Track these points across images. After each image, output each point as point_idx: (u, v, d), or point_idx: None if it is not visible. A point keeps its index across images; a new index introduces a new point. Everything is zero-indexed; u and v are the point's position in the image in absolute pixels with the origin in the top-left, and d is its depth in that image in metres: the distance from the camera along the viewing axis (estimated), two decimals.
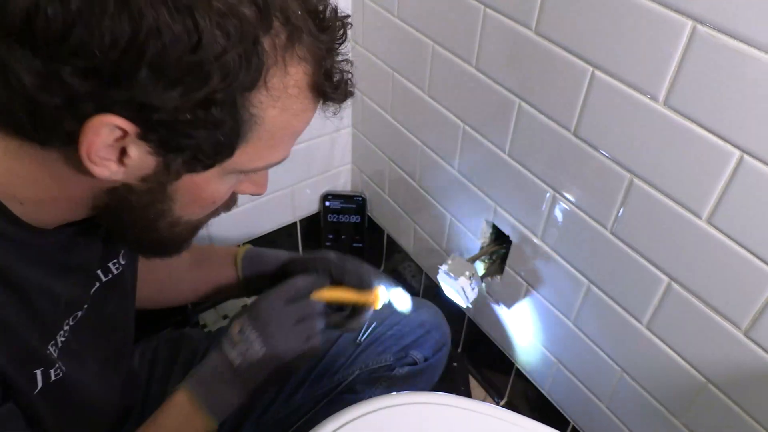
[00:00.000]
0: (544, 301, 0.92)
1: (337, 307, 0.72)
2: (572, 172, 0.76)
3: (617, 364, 0.84)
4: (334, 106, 0.49)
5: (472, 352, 1.21)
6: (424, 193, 1.10)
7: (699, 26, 0.56)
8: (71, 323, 0.54)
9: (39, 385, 0.49)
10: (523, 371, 1.06)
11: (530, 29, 0.73)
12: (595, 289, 0.81)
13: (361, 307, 0.71)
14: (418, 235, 1.18)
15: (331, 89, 0.47)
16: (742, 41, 0.53)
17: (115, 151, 0.40)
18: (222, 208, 0.53)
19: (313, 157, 1.23)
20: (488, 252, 0.97)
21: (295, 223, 1.32)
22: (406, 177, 1.13)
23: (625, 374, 0.83)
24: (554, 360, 0.96)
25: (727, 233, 0.62)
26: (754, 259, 0.61)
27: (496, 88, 0.82)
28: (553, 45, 0.71)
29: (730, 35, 0.54)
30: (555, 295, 0.90)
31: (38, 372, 0.49)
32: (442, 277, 0.86)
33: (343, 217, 1.33)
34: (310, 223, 1.34)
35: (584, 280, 0.82)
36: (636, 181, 0.69)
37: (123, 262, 0.61)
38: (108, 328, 0.61)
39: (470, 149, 0.93)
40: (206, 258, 0.80)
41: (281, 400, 0.82)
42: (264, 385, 0.64)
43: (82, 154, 0.39)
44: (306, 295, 0.67)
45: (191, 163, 0.43)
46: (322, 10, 0.45)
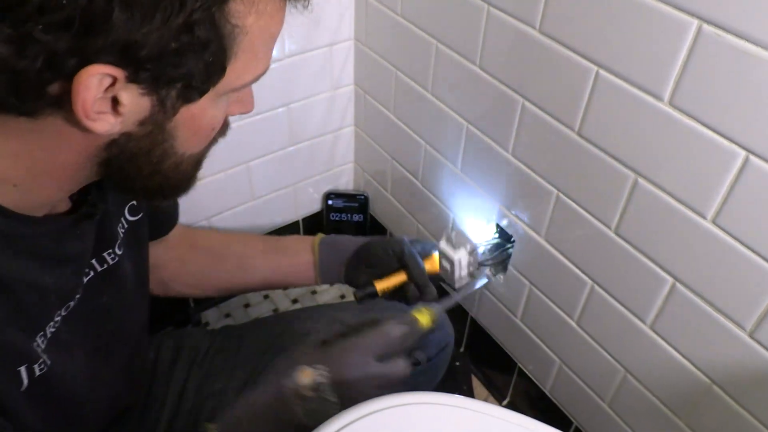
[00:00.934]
0: (548, 300, 0.91)
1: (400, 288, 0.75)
2: (576, 171, 0.76)
3: (621, 365, 0.83)
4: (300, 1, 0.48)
5: (475, 352, 1.21)
6: (427, 192, 1.09)
7: (705, 25, 0.55)
8: (63, 313, 0.54)
9: (25, 383, 0.49)
10: (525, 371, 1.05)
11: (534, 28, 0.72)
12: (599, 289, 0.81)
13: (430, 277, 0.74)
14: (420, 234, 1.18)
15: None
16: (749, 41, 0.53)
17: (107, 102, 0.40)
18: (219, 135, 0.52)
19: (315, 156, 1.23)
20: (491, 251, 0.97)
21: (298, 221, 1.32)
22: (409, 176, 1.13)
23: (628, 375, 0.83)
24: (557, 360, 0.96)
25: (732, 234, 0.62)
26: (759, 260, 0.60)
27: (500, 87, 0.82)
28: (557, 44, 0.71)
29: (737, 35, 0.54)
30: (558, 295, 0.89)
31: (22, 369, 0.48)
32: (443, 244, 0.83)
33: (345, 216, 1.33)
34: (313, 222, 1.34)
35: (588, 280, 0.82)
36: (640, 181, 0.68)
37: (119, 252, 0.60)
38: (100, 320, 0.60)
39: (473, 148, 0.93)
40: (281, 246, 0.82)
41: None
42: None
43: (78, 113, 0.38)
44: (398, 350, 0.59)
45: (185, 93, 0.42)
46: None
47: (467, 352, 1.22)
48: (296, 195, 1.27)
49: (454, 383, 1.18)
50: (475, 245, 0.85)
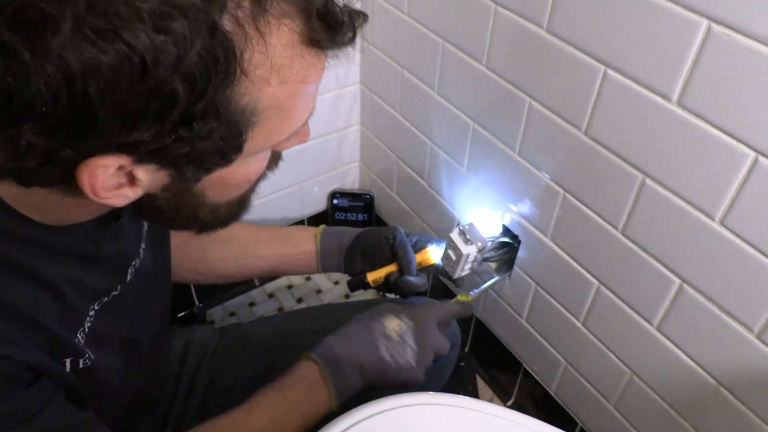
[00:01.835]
0: (553, 301, 0.91)
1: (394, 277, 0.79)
2: (583, 172, 0.76)
3: (627, 366, 0.83)
4: (344, 48, 0.42)
5: (480, 352, 1.20)
6: (433, 191, 1.09)
7: (714, 25, 0.55)
8: (96, 308, 0.55)
9: (68, 369, 0.50)
10: (530, 371, 1.05)
11: (542, 27, 0.72)
12: (605, 289, 0.81)
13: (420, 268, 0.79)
14: (425, 233, 1.18)
15: (333, 32, 0.39)
16: (758, 41, 0.53)
17: (122, 178, 0.38)
18: (266, 172, 0.50)
19: (321, 155, 1.23)
20: (497, 251, 0.96)
21: (303, 220, 1.32)
22: (415, 175, 1.13)
23: (634, 376, 0.82)
24: (563, 360, 0.95)
25: (741, 235, 0.61)
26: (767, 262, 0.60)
27: (507, 87, 0.81)
28: (564, 43, 0.70)
29: (746, 35, 0.53)
30: (564, 296, 0.89)
31: (68, 361, 0.50)
32: (455, 235, 0.84)
33: (350, 215, 1.33)
34: (318, 221, 1.34)
35: (594, 281, 0.82)
36: (648, 181, 0.68)
37: (143, 246, 0.62)
38: (129, 313, 0.61)
39: (480, 148, 0.92)
40: (285, 235, 0.84)
41: None
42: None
43: (88, 195, 0.38)
44: (450, 322, 0.74)
45: (203, 168, 0.40)
46: None
47: (472, 352, 1.22)
48: (302, 194, 1.27)
49: (459, 383, 1.18)
50: (487, 244, 0.85)
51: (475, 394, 1.18)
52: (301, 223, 1.32)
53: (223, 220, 0.50)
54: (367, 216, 1.32)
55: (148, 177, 0.39)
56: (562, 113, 0.75)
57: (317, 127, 1.17)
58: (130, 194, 0.40)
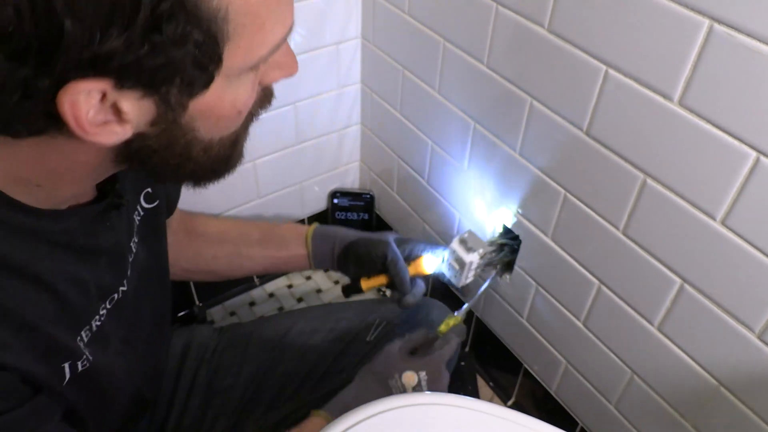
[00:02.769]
0: (554, 301, 0.91)
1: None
2: (584, 171, 0.76)
3: (627, 366, 0.83)
4: None
5: (480, 352, 1.20)
6: (433, 191, 1.09)
7: (716, 25, 0.55)
8: (108, 307, 0.54)
9: (66, 377, 0.49)
10: (531, 371, 1.05)
11: (543, 27, 0.72)
12: (606, 289, 0.81)
13: (413, 279, 0.79)
14: (426, 233, 1.17)
15: None
16: (761, 41, 0.52)
17: (108, 112, 0.37)
18: (257, 109, 0.48)
19: (321, 155, 1.23)
20: (498, 251, 0.96)
21: (304, 220, 1.32)
22: (415, 175, 1.13)
23: (635, 376, 0.82)
24: (563, 360, 0.95)
25: (742, 235, 0.61)
26: None
27: (508, 87, 0.81)
28: (566, 43, 0.70)
29: (748, 34, 0.53)
30: (565, 296, 0.89)
31: (66, 365, 0.49)
32: (455, 245, 0.84)
33: (351, 215, 1.33)
34: (318, 220, 1.34)
35: (595, 281, 0.82)
36: (649, 181, 0.68)
37: (136, 240, 0.61)
38: (133, 309, 0.61)
39: (480, 147, 0.92)
40: (276, 236, 0.84)
41: (286, 396, 0.82)
42: None
43: (76, 131, 0.37)
44: (455, 359, 0.77)
45: (186, 88, 0.39)
46: None
47: (473, 352, 1.22)
48: (302, 193, 1.27)
49: (460, 383, 1.18)
50: (489, 249, 0.85)
51: (475, 394, 1.18)
52: (301, 222, 1.32)
53: (217, 165, 0.48)
54: (368, 215, 1.32)
55: (134, 109, 0.38)
56: (563, 113, 0.75)
57: (318, 127, 1.17)
58: (119, 131, 0.38)
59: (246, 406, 0.81)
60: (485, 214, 0.97)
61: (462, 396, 0.55)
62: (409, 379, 0.67)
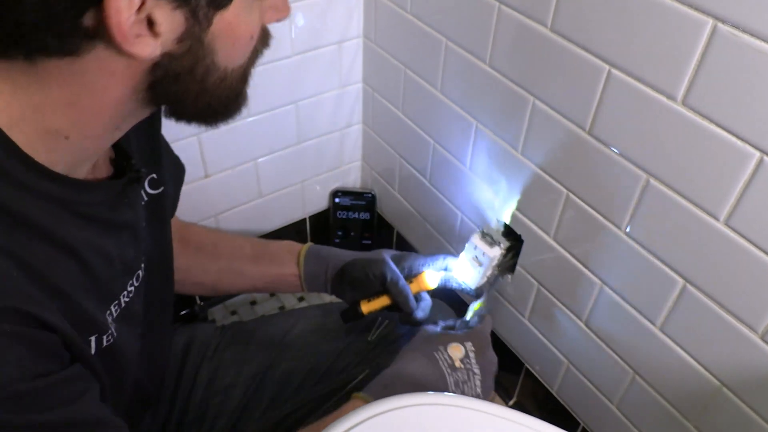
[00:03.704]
0: (556, 301, 0.91)
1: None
2: (587, 171, 0.76)
3: (629, 366, 0.83)
4: None
5: None
6: (435, 190, 1.09)
7: (720, 25, 0.55)
8: (135, 284, 0.54)
9: (93, 351, 0.49)
10: (532, 371, 1.05)
11: (546, 26, 0.72)
12: (608, 289, 0.80)
13: (415, 297, 0.77)
14: (427, 232, 1.17)
15: None
16: (765, 40, 0.52)
17: (143, 24, 0.39)
18: (260, 46, 0.51)
19: (323, 154, 1.22)
20: (504, 255, 0.96)
21: (305, 219, 1.32)
22: (417, 174, 1.13)
23: (637, 376, 0.82)
24: (565, 360, 0.95)
25: (745, 235, 0.61)
26: None
27: (510, 86, 0.81)
28: (568, 42, 0.70)
29: (752, 34, 0.53)
30: (567, 296, 0.89)
31: (92, 339, 0.49)
32: (476, 240, 0.83)
33: (352, 214, 1.32)
34: (320, 220, 1.34)
35: (597, 281, 0.82)
36: (652, 181, 0.68)
37: (144, 224, 0.61)
38: (151, 293, 0.61)
39: (482, 147, 0.92)
40: (268, 254, 0.82)
41: (287, 395, 0.82)
42: None
43: (117, 39, 0.38)
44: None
45: (214, 1, 0.42)
46: None
47: None
48: (303, 193, 1.27)
49: None
50: (506, 244, 0.84)
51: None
52: (302, 222, 1.32)
53: (228, 100, 0.50)
54: (369, 215, 1.32)
55: (166, 21, 0.40)
56: (566, 112, 0.75)
57: (320, 126, 1.17)
58: (152, 43, 0.40)
59: (247, 405, 0.81)
60: (487, 214, 0.97)
61: (463, 396, 0.55)
62: (456, 350, 0.65)
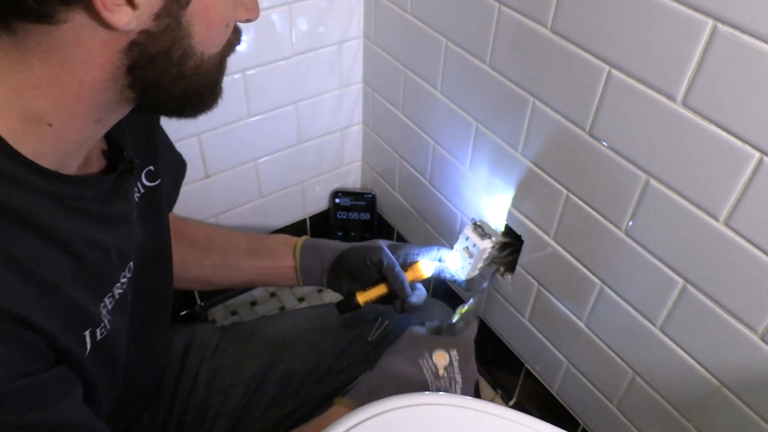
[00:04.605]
0: (556, 301, 0.91)
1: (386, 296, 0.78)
2: (587, 172, 0.76)
3: (629, 366, 0.83)
4: None
5: (482, 352, 1.20)
6: (435, 191, 1.09)
7: (720, 25, 0.55)
8: (128, 275, 0.54)
9: (88, 348, 0.49)
10: (532, 371, 1.05)
11: (546, 27, 0.72)
12: (608, 290, 0.81)
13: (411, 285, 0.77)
14: (428, 233, 1.17)
15: None
16: (765, 41, 0.52)
17: None
18: (234, 40, 0.51)
19: (323, 154, 1.23)
20: (501, 252, 0.96)
21: (305, 219, 1.32)
22: (417, 175, 1.13)
23: (637, 376, 0.82)
24: (565, 360, 0.95)
25: (745, 236, 0.61)
26: None
27: (510, 86, 0.81)
28: (569, 43, 0.70)
29: (752, 35, 0.53)
30: (567, 296, 0.89)
31: (87, 333, 0.48)
32: (469, 231, 0.83)
33: (352, 214, 1.33)
34: (320, 220, 1.34)
35: (597, 281, 0.82)
36: (652, 181, 0.68)
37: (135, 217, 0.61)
38: (147, 287, 0.61)
39: (483, 147, 0.92)
40: (264, 247, 0.83)
41: (287, 395, 0.82)
42: None
43: (96, 4, 0.38)
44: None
45: None
46: None
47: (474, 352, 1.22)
48: (304, 193, 1.27)
49: None
50: (500, 239, 0.84)
51: (477, 394, 1.18)
52: (303, 222, 1.32)
53: (206, 85, 0.50)
54: (369, 215, 1.32)
55: None
56: (566, 113, 0.75)
57: (320, 127, 1.17)
58: (130, 13, 0.40)
59: (247, 405, 0.81)
60: (487, 214, 0.97)
61: (463, 396, 0.55)
62: (441, 358, 0.65)
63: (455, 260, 0.87)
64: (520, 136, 0.83)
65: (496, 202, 0.94)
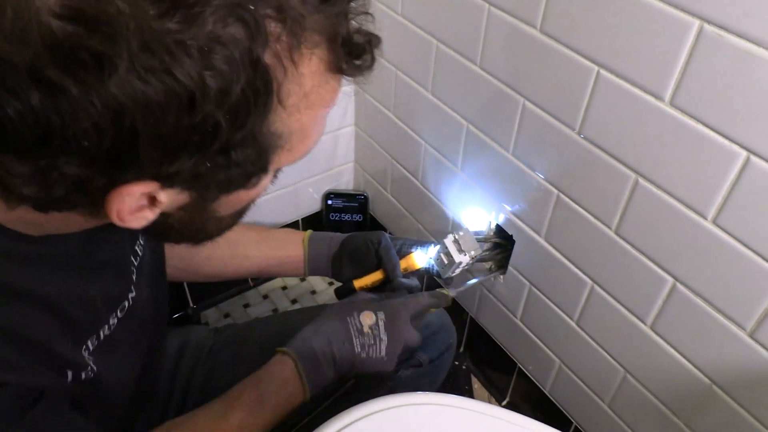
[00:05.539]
0: (548, 300, 0.91)
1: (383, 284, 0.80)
2: (577, 171, 0.76)
3: (620, 365, 0.83)
4: (365, 73, 0.43)
5: (475, 352, 1.21)
6: (427, 191, 1.09)
7: (706, 25, 0.55)
8: (120, 315, 0.54)
9: (69, 379, 0.49)
10: (525, 371, 1.05)
11: (535, 28, 0.72)
12: (599, 289, 0.81)
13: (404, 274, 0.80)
14: (420, 234, 1.18)
15: (356, 58, 0.41)
16: (750, 41, 0.53)
17: (144, 200, 0.38)
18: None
19: (315, 156, 1.22)
20: (491, 251, 0.97)
21: (298, 221, 1.32)
22: (409, 176, 1.13)
23: (628, 375, 0.83)
24: (557, 360, 0.96)
25: (733, 234, 0.62)
26: (760, 261, 0.60)
27: (501, 87, 0.82)
28: (558, 44, 0.70)
29: (738, 35, 0.54)
30: (558, 295, 0.89)
31: (69, 372, 0.49)
32: (449, 242, 0.84)
33: (345, 216, 1.33)
34: (312, 222, 1.34)
35: (588, 280, 0.82)
36: (641, 181, 0.68)
37: (141, 241, 0.61)
38: (142, 311, 0.61)
39: (474, 148, 0.93)
40: (273, 238, 0.85)
41: None
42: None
43: (113, 218, 0.37)
44: (423, 315, 0.75)
45: (225, 187, 0.40)
46: None
47: (467, 352, 1.22)
48: (296, 195, 1.27)
49: (455, 383, 1.18)
50: (481, 252, 0.85)
51: (470, 395, 1.18)
52: (295, 224, 1.32)
53: (223, 230, 0.50)
54: (362, 217, 1.32)
55: (169, 198, 0.39)
56: (556, 113, 0.75)
57: None
58: (150, 216, 0.39)
59: None
60: (479, 215, 0.97)
61: (457, 396, 0.56)
62: (367, 318, 0.69)
63: (435, 261, 0.88)
64: (511, 137, 0.84)
65: (487, 202, 0.94)
